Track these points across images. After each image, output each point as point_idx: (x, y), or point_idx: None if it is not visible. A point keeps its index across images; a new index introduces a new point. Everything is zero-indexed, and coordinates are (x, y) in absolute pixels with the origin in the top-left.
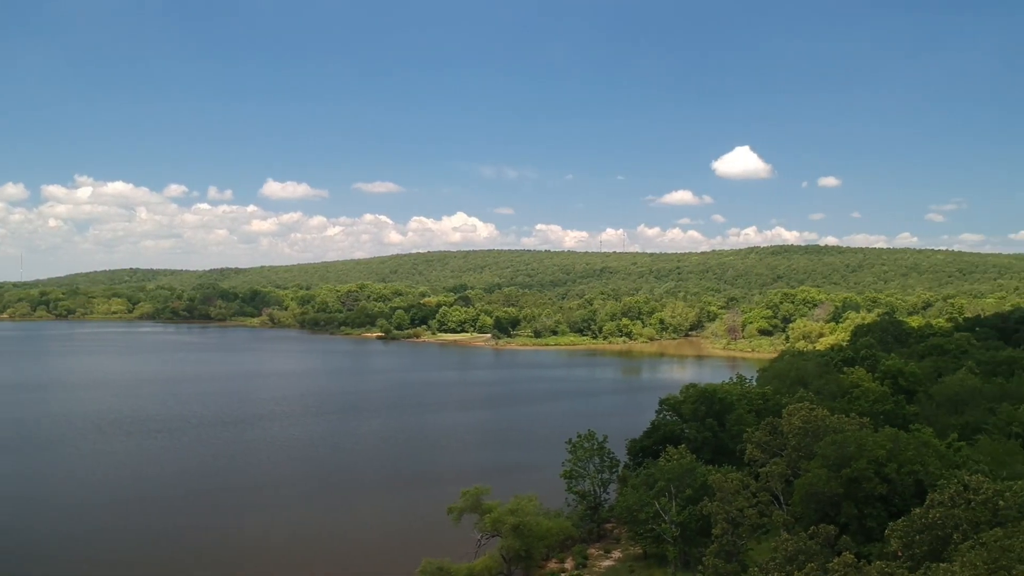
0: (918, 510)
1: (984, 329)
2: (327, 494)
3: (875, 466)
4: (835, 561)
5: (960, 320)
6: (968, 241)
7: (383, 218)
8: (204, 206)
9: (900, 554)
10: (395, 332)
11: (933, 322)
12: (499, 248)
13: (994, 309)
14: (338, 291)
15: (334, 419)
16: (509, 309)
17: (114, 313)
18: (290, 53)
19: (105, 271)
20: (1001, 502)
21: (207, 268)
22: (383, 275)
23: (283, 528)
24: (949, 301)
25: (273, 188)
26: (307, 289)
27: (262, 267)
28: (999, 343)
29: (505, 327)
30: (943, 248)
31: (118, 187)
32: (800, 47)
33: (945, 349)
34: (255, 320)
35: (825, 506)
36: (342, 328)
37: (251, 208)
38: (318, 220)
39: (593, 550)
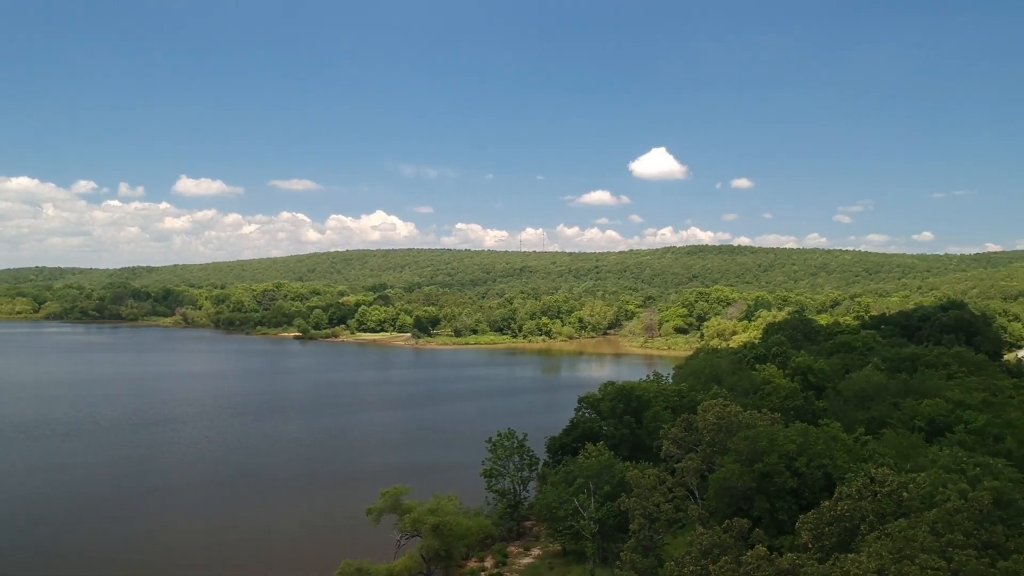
0: (827, 503)
1: (889, 327)
2: (243, 497)
3: (786, 460)
4: (748, 554)
5: (866, 318)
6: (874, 242)
7: (301, 216)
8: (115, 203)
9: (810, 546)
10: (313, 332)
11: (841, 320)
12: (419, 247)
13: (898, 308)
14: (254, 290)
15: (250, 420)
16: (429, 308)
17: (19, 313)
18: (205, 47)
19: (8, 270)
20: (905, 494)
21: (118, 267)
22: (301, 274)
23: (197, 533)
24: (856, 300)
25: (187, 185)
26: (222, 288)
27: (175, 266)
28: (903, 340)
29: (425, 326)
30: (850, 248)
31: (22, 183)
32: (715, 50)
33: (852, 346)
34: (168, 320)
35: (739, 500)
36: (258, 328)
37: (164, 205)
38: (233, 218)
39: (513, 548)
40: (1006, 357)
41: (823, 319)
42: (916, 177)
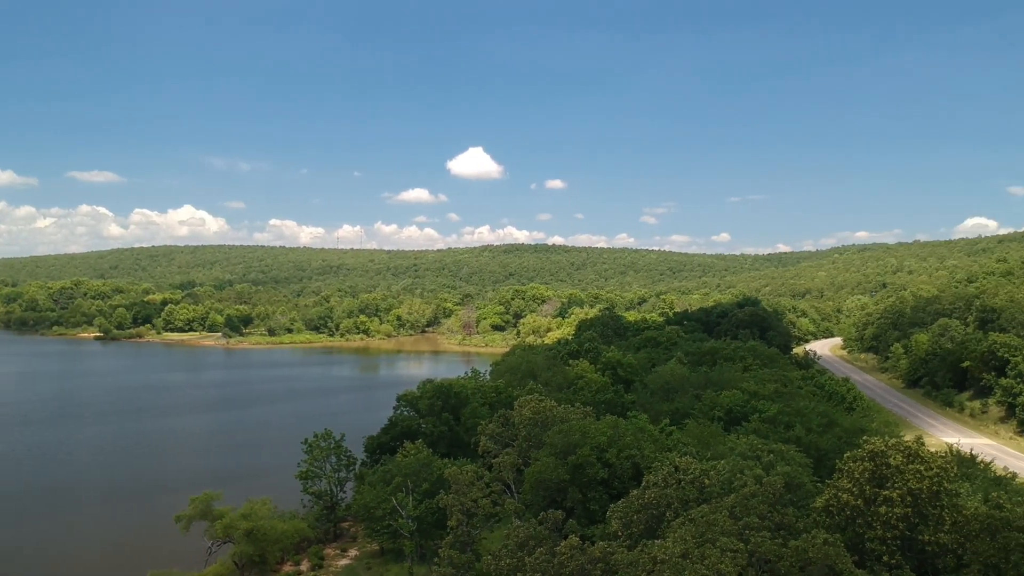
0: (635, 491)
1: (691, 323)
2: (35, 512)
3: (597, 452)
4: (562, 545)
5: (670, 315)
6: (677, 242)
7: (101, 210)
8: None
9: (620, 534)
10: (115, 332)
11: (648, 317)
12: (230, 243)
13: (699, 304)
14: (50, 288)
15: (43, 428)
16: (241, 307)
17: None
18: None
19: None
20: (706, 480)
21: None
22: (102, 271)
23: None
24: (661, 297)
25: None
26: (13, 286)
27: None
28: (704, 335)
29: (237, 325)
30: (656, 248)
31: None
32: (529, 52)
33: (658, 341)
34: None
35: (553, 492)
36: (54, 328)
37: None
38: (26, 210)
39: (330, 550)
40: (795, 350)
41: (631, 316)
42: (715, 181)
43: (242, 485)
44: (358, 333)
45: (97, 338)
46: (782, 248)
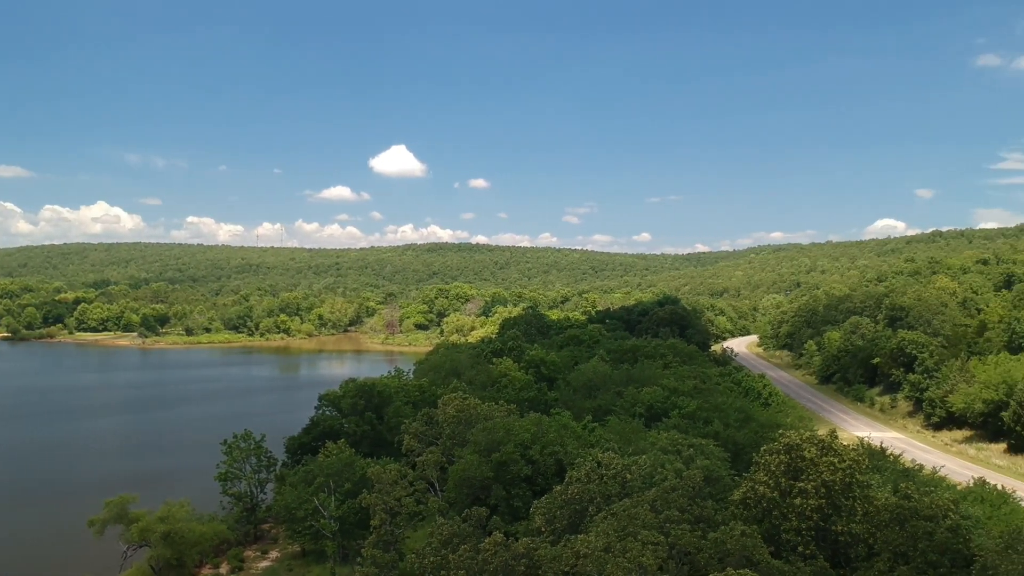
0: (559, 487)
1: (613, 321)
2: None
3: (521, 449)
4: (486, 541)
5: (593, 313)
6: (599, 242)
7: (9, 205)
8: None
9: (544, 529)
10: (25, 332)
11: (570, 315)
12: (146, 241)
13: (621, 303)
14: None
15: None
16: (158, 306)
17: None
18: None
19: None
20: (628, 475)
21: None
22: (10, 269)
23: None
24: (584, 296)
25: None
26: None
27: None
28: (625, 333)
29: (153, 325)
30: (578, 248)
31: None
32: (452, 53)
33: (581, 339)
34: None
35: (477, 490)
36: None
37: None
38: None
39: (250, 552)
40: (713, 348)
41: (554, 314)
42: (635, 182)
43: (159, 488)
44: (278, 333)
45: (4, 339)
46: (701, 248)
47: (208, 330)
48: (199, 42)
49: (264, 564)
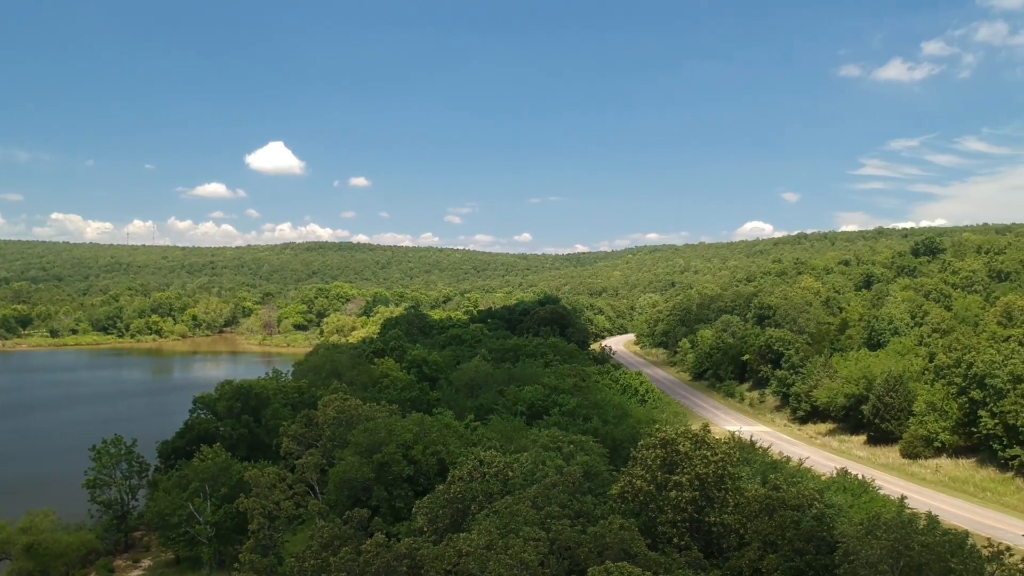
0: (441, 487)
1: (495, 320)
2: None
3: (403, 449)
4: (368, 543)
5: (475, 312)
6: (481, 242)
7: None
8: None
9: (426, 529)
10: None
11: (453, 315)
12: (6, 238)
13: (502, 303)
14: None
15: None
16: (19, 306)
17: None
18: None
19: None
20: (510, 473)
21: None
22: None
23: None
24: (466, 296)
25: None
26: None
27: None
28: (507, 333)
29: (14, 327)
30: (460, 248)
31: None
32: (331, 49)
33: (463, 339)
34: None
35: (358, 491)
36: None
37: None
38: None
39: (120, 561)
40: (592, 346)
41: (437, 314)
42: (516, 182)
43: (22, 497)
44: (150, 334)
45: None
46: (580, 248)
47: (75, 331)
48: (66, 30)
49: (135, 573)
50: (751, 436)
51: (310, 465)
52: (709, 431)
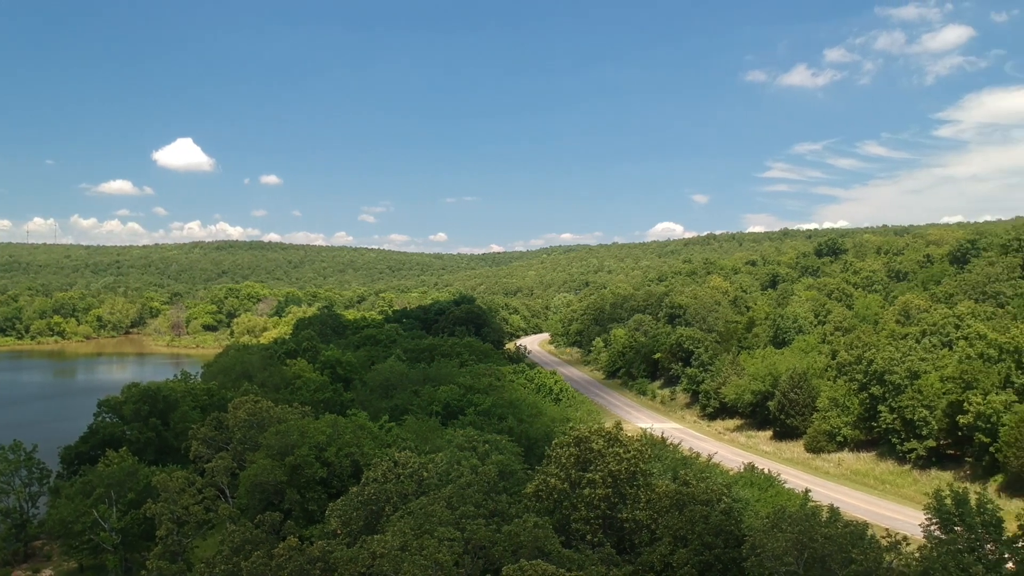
0: (355, 488)
1: (410, 320)
2: None
3: (316, 451)
4: (280, 546)
5: (390, 312)
6: (396, 241)
7: None
8: None
9: (340, 532)
10: None
11: (367, 314)
12: None
13: (418, 302)
14: None
15: None
16: None
17: None
18: None
19: None
20: (425, 473)
21: None
22: None
23: None
24: (380, 295)
25: None
26: None
27: None
28: (422, 333)
29: None
30: (375, 247)
31: None
32: (242, 45)
33: (377, 339)
34: None
35: (270, 495)
36: None
37: None
38: None
39: (19, 572)
40: (507, 345)
41: (351, 314)
42: (431, 182)
43: None
44: (52, 335)
45: None
46: (495, 248)
47: None
48: None
49: None
50: (662, 433)
51: (220, 469)
52: (622, 429)
